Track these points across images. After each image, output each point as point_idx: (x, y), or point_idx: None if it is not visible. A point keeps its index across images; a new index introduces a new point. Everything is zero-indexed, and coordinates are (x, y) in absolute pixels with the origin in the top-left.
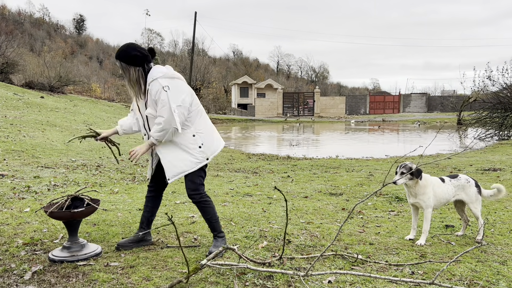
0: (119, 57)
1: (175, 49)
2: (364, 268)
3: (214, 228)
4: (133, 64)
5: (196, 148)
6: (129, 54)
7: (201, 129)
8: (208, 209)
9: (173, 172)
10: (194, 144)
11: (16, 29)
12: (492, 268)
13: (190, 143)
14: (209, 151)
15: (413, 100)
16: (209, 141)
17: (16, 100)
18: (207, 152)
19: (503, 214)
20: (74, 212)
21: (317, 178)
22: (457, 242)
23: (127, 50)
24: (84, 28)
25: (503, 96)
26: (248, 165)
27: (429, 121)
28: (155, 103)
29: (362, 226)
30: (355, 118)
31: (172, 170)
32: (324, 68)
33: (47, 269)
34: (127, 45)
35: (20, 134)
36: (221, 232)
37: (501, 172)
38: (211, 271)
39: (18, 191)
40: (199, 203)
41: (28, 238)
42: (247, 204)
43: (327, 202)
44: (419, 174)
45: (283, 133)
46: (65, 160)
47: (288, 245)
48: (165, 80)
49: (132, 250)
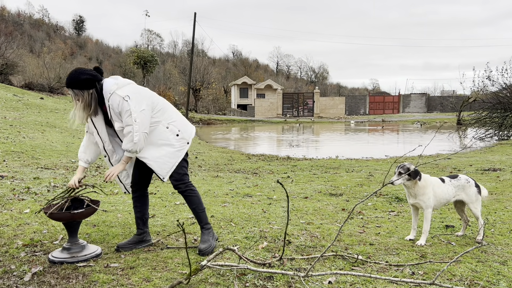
0: (71, 85)
1: (174, 50)
2: (364, 268)
3: (200, 218)
4: (86, 88)
5: (175, 137)
6: (79, 79)
7: (172, 118)
8: (194, 199)
9: (165, 169)
10: (172, 134)
11: (15, 30)
12: (493, 268)
13: (167, 136)
14: (187, 134)
15: (413, 100)
16: (183, 126)
17: (15, 101)
18: (186, 136)
19: (503, 214)
20: (74, 213)
21: (317, 178)
22: (457, 242)
23: (76, 77)
24: (84, 29)
25: (503, 96)
26: (248, 166)
27: (429, 121)
28: (119, 115)
29: (362, 227)
30: (355, 118)
31: (163, 168)
32: (323, 69)
33: (47, 271)
34: (75, 71)
35: (19, 135)
36: (207, 224)
37: (501, 172)
38: (211, 272)
39: (18, 192)
40: (185, 192)
41: (28, 239)
42: (247, 204)
43: (327, 202)
44: (416, 175)
45: (283, 133)
46: (65, 161)
47: (288, 245)
48: (122, 90)
49: (132, 251)
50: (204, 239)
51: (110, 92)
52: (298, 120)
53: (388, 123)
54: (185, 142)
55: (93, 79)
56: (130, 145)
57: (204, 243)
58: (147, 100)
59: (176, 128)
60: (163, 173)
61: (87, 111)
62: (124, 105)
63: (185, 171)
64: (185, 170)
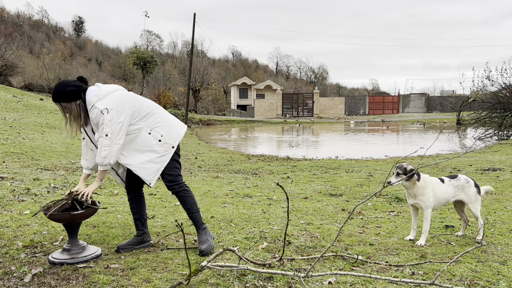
0: (58, 99)
1: (174, 50)
2: (364, 269)
3: (196, 219)
4: (73, 100)
5: (157, 143)
6: (65, 92)
7: (156, 123)
8: (188, 199)
9: (149, 174)
10: (154, 140)
11: (15, 32)
12: (492, 268)
13: (150, 141)
14: (171, 139)
15: (412, 100)
16: (168, 130)
17: (15, 102)
18: (170, 141)
19: (503, 214)
20: (74, 214)
21: (317, 179)
22: (457, 242)
23: (62, 90)
24: (83, 30)
25: (502, 96)
26: (248, 166)
27: (429, 121)
28: (97, 126)
29: (362, 227)
30: (355, 118)
31: (148, 174)
32: (323, 69)
33: (47, 272)
34: (59, 84)
35: (19, 136)
36: (202, 224)
37: (501, 172)
38: (211, 273)
39: (18, 194)
40: (179, 193)
41: (28, 240)
42: (247, 205)
43: (327, 203)
44: (412, 174)
45: (282, 134)
46: (65, 162)
47: (288, 246)
48: (101, 103)
49: (132, 252)
50: (202, 239)
51: (91, 104)
52: (297, 120)
53: (389, 123)
54: (170, 147)
55: (78, 90)
56: (100, 159)
57: (203, 244)
58: (128, 110)
59: (159, 134)
60: (149, 178)
61: (78, 122)
62: (101, 119)
63: (177, 172)
64: (178, 171)
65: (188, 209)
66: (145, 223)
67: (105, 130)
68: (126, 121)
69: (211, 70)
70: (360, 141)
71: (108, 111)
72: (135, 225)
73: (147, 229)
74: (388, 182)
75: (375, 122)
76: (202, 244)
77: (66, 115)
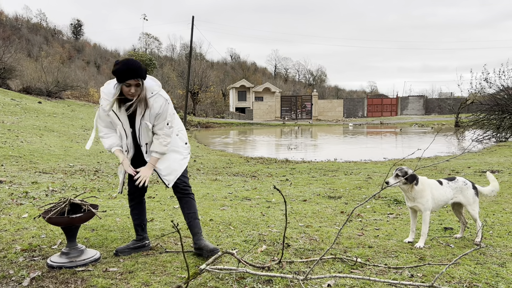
0: (139, 74)
1: (172, 53)
2: (363, 271)
3: (198, 225)
4: (145, 78)
5: (183, 146)
6: (143, 68)
7: (180, 127)
8: (194, 203)
9: (173, 176)
10: (181, 142)
11: (13, 35)
12: (491, 270)
13: (177, 143)
14: (188, 144)
15: (411, 102)
16: (186, 135)
17: (13, 105)
18: (188, 147)
19: (502, 216)
20: (72, 218)
21: (316, 181)
22: (456, 244)
23: (141, 65)
24: (82, 33)
25: (500, 98)
26: (247, 169)
27: (427, 124)
28: (155, 117)
29: (361, 229)
30: (353, 121)
31: (172, 175)
32: (321, 71)
33: (45, 275)
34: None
35: (17, 139)
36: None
37: (499, 174)
38: (210, 276)
39: (16, 197)
40: (189, 195)
41: (26, 244)
42: (246, 208)
43: (326, 205)
44: (413, 179)
45: (281, 136)
46: (63, 165)
47: (287, 248)
48: (164, 93)
49: (131, 255)
50: (206, 242)
51: (153, 91)
52: (296, 123)
53: (387, 125)
54: (188, 152)
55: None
56: (162, 148)
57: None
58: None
59: (185, 137)
60: (170, 179)
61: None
62: (166, 108)
63: (188, 176)
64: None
65: (194, 213)
66: (145, 228)
67: (168, 120)
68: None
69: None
70: (358, 143)
71: (169, 101)
72: (135, 230)
73: (146, 233)
74: (386, 182)
75: (373, 125)
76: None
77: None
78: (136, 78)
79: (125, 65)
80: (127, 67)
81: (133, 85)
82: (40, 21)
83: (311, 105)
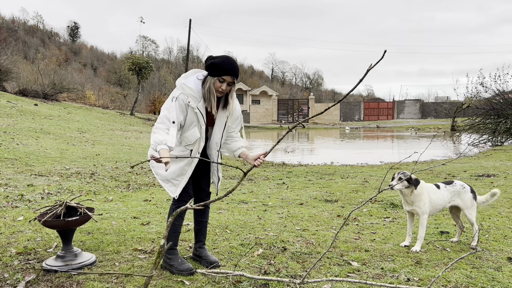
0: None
1: (169, 56)
2: (360, 275)
3: (205, 234)
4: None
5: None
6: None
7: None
8: (209, 212)
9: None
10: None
11: (9, 37)
12: (487, 274)
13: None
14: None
15: (407, 106)
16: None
17: (9, 107)
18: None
19: (497, 220)
20: (68, 221)
21: (312, 184)
22: (452, 248)
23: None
24: (79, 35)
25: (496, 103)
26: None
27: (423, 127)
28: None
29: (358, 233)
30: (350, 124)
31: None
32: (318, 75)
33: (40, 279)
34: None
35: (13, 142)
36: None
37: (495, 178)
38: (206, 280)
39: (11, 200)
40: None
41: (22, 247)
42: (243, 211)
43: (323, 209)
44: (417, 183)
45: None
46: (59, 168)
47: (284, 252)
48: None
49: (127, 258)
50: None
51: (234, 96)
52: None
53: (383, 129)
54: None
55: None
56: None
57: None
58: None
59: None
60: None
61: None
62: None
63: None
64: None
65: (206, 222)
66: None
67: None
68: None
69: None
70: (355, 146)
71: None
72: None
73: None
74: (389, 185)
75: (370, 128)
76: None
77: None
78: (233, 76)
79: (228, 59)
80: (230, 62)
81: (226, 82)
82: (37, 23)
83: (307, 108)
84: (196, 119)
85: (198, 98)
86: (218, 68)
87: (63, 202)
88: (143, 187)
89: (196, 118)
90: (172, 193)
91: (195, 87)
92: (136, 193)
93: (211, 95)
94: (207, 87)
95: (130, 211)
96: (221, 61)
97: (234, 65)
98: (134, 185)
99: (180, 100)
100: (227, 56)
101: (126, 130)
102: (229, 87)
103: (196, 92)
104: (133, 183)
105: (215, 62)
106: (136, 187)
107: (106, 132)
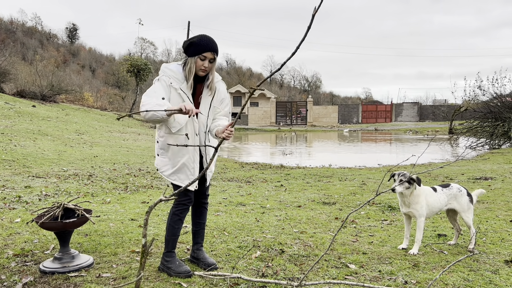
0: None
1: (168, 58)
2: (357, 278)
3: (203, 236)
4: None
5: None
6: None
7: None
8: (206, 213)
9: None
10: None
11: (8, 38)
12: (484, 277)
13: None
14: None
15: (405, 109)
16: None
17: (7, 109)
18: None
19: (495, 223)
20: (66, 223)
21: (310, 187)
22: (450, 251)
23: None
24: (77, 37)
25: (493, 106)
26: (241, 174)
27: (421, 130)
28: (221, 102)
29: (355, 236)
30: (348, 127)
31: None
32: (316, 78)
33: (38, 281)
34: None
35: (11, 143)
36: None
37: (492, 181)
38: (204, 282)
39: (9, 201)
40: (206, 204)
41: (19, 249)
42: (241, 213)
43: (320, 211)
44: (419, 182)
45: (276, 142)
46: (57, 169)
47: (281, 254)
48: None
49: (124, 261)
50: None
51: (218, 78)
52: (291, 128)
53: (381, 131)
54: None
55: None
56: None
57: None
58: None
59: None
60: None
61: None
62: (226, 95)
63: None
64: None
65: (203, 223)
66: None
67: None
68: None
69: None
70: (353, 149)
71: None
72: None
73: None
74: (392, 189)
75: (368, 131)
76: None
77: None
78: (213, 52)
79: (206, 36)
80: (208, 38)
81: (208, 59)
82: (35, 24)
83: (306, 111)
84: (181, 100)
85: (181, 79)
86: (198, 46)
87: (60, 204)
88: (141, 189)
89: (181, 99)
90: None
91: (176, 70)
92: (134, 195)
93: (190, 75)
94: (188, 68)
95: (128, 213)
96: (199, 39)
97: (212, 41)
98: (132, 187)
99: (162, 81)
100: (204, 34)
101: (124, 132)
102: (211, 64)
103: (178, 74)
104: (131, 185)
105: (193, 41)
106: (134, 189)
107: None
